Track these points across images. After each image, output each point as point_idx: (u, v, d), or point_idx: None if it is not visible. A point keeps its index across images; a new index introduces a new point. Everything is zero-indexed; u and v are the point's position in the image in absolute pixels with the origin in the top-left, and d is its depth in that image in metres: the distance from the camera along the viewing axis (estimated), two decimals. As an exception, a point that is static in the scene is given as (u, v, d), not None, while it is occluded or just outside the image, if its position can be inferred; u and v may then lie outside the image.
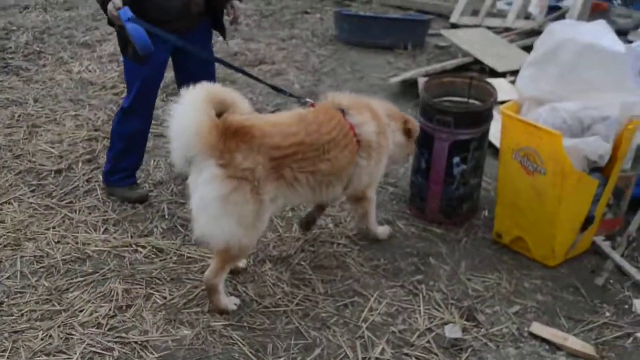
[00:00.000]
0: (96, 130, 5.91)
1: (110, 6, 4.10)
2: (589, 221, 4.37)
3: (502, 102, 6.48)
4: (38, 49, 7.88)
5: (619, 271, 4.39)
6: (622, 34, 9.06)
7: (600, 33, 4.34)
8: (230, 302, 3.85)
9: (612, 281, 4.30)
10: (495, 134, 4.85)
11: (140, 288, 4.06)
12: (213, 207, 3.42)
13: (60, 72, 7.23)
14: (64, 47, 7.94)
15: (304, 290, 4.09)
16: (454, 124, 4.44)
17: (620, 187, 4.54)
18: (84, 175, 5.26)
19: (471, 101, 4.90)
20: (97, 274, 4.18)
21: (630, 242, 4.63)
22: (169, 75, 5.31)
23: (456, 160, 4.57)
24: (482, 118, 4.54)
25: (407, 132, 4.36)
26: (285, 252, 4.42)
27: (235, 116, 3.47)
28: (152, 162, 5.47)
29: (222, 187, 3.39)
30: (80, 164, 5.41)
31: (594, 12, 9.14)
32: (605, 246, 4.59)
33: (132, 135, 4.79)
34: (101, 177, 5.14)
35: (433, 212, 4.79)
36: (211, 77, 4.62)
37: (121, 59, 7.47)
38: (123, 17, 4.04)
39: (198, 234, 3.58)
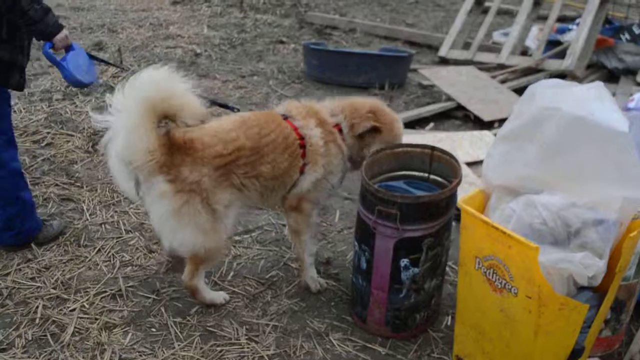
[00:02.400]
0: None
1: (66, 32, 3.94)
2: (576, 353, 3.22)
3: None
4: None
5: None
6: (630, 72, 7.94)
7: (596, 101, 3.20)
8: (217, 296, 3.86)
9: None
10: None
11: None
12: (168, 221, 3.44)
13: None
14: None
15: None
16: (399, 218, 3.30)
17: (621, 298, 3.42)
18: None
19: (432, 177, 3.78)
20: None
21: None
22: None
23: (404, 262, 3.43)
24: (439, 209, 3.40)
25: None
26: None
27: (179, 130, 3.43)
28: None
29: (173, 202, 3.39)
30: (-42, 239, 4.30)
31: (598, 49, 8.00)
32: (601, 376, 3.45)
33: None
34: None
35: (377, 323, 3.65)
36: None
37: (55, 96, 6.58)
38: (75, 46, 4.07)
39: (165, 245, 3.58)
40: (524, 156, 3.19)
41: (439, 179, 3.76)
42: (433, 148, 3.77)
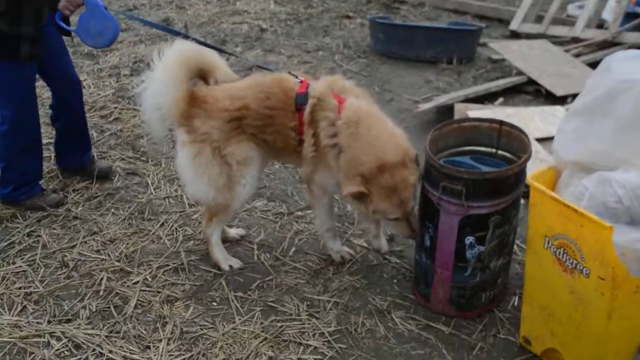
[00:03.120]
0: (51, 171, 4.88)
1: None
2: (651, 338, 3.05)
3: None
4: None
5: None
6: None
7: (680, 73, 3.00)
8: (225, 261, 3.90)
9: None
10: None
11: (29, 408, 2.99)
12: (187, 169, 3.64)
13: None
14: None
15: None
16: (465, 194, 3.17)
17: (701, 281, 3.19)
18: (26, 227, 4.25)
19: (500, 152, 3.62)
20: (-18, 382, 3.13)
21: None
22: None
23: (469, 239, 3.30)
24: (506, 186, 3.25)
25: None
26: (233, 357, 3.27)
27: (202, 86, 3.64)
28: (111, 211, 4.40)
29: (189, 150, 3.59)
30: (28, 211, 4.37)
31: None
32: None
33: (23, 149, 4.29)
34: (42, 230, 4.21)
35: (440, 302, 3.54)
36: (69, 60, 4.49)
37: (123, 72, 6.64)
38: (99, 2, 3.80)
39: (187, 192, 3.96)
40: (597, 131, 3.02)
41: (507, 154, 3.60)
42: (501, 122, 3.60)
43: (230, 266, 3.89)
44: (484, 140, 3.65)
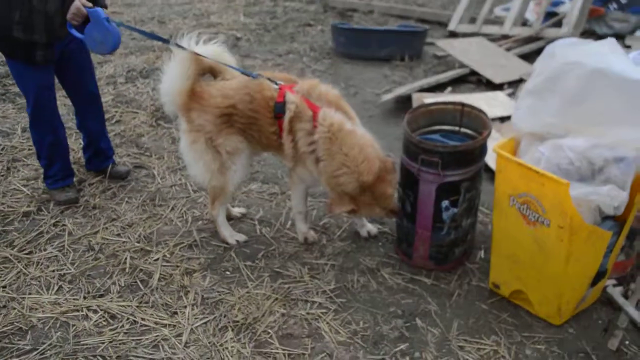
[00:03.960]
0: (74, 163, 4.82)
1: (77, 2, 3.62)
2: (600, 275, 3.21)
3: (501, 118, 5.38)
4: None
5: (634, 327, 3.24)
6: (619, 37, 7.77)
7: (611, 54, 3.16)
8: (231, 237, 3.94)
9: (627, 342, 3.19)
10: (492, 155, 3.68)
11: (79, 371, 3.00)
12: (187, 154, 3.72)
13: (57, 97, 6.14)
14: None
15: (266, 370, 3.00)
16: (441, 165, 3.28)
17: (634, 227, 3.38)
18: (51, 218, 4.21)
19: (463, 130, 3.74)
20: (34, 353, 3.13)
21: (646, 290, 3.45)
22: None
23: (445, 203, 3.42)
24: (474, 156, 3.38)
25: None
26: (251, 316, 3.32)
27: (203, 82, 3.66)
28: (125, 200, 4.38)
29: (188, 137, 3.66)
30: (51, 205, 4.34)
31: (590, 17, 7.83)
32: (618, 295, 3.44)
33: (47, 143, 4.27)
34: (66, 220, 4.18)
35: (421, 258, 3.65)
36: (92, 77, 4.43)
37: (119, 80, 6.57)
38: (102, 15, 3.64)
39: (189, 174, 3.89)
40: (548, 106, 3.15)
41: (468, 131, 3.72)
42: (463, 104, 3.72)
43: (237, 241, 3.94)
44: (449, 120, 3.76)
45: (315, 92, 3.52)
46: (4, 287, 3.59)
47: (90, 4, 3.68)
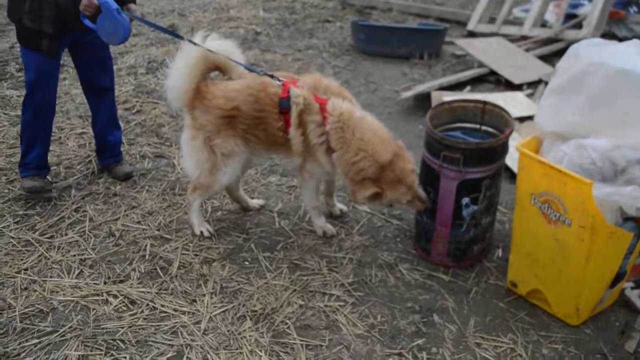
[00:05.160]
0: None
1: None
2: (619, 277, 3.20)
3: (519, 118, 5.36)
4: (62, 62, 6.80)
5: (652, 330, 3.23)
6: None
7: (636, 56, 3.15)
8: (199, 225, 3.95)
9: (645, 344, 3.14)
10: (512, 155, 3.69)
11: (99, 354, 3.03)
12: (184, 147, 3.77)
13: (77, 85, 6.13)
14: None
15: (283, 359, 3.00)
16: (462, 162, 3.28)
17: (655, 230, 3.35)
18: (72, 204, 4.24)
19: (484, 128, 3.74)
20: (55, 334, 3.16)
21: (665, 294, 3.43)
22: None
23: (465, 200, 3.42)
24: (496, 154, 3.38)
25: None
26: (269, 306, 3.34)
27: (209, 81, 3.68)
28: (146, 188, 4.41)
29: (188, 132, 3.72)
30: (73, 191, 4.39)
31: (610, 20, 7.77)
32: (635, 298, 3.43)
33: (32, 126, 4.19)
34: (87, 206, 4.19)
35: (440, 255, 3.65)
36: (109, 70, 4.43)
37: (140, 70, 6.60)
38: (113, 6, 3.67)
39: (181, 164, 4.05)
40: (571, 106, 3.14)
41: (490, 129, 3.71)
42: (485, 102, 3.72)
43: (201, 232, 3.93)
44: (470, 118, 3.76)
45: (321, 85, 3.54)
46: (26, 269, 3.63)
47: None
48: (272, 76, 3.56)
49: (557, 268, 3.16)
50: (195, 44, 3.53)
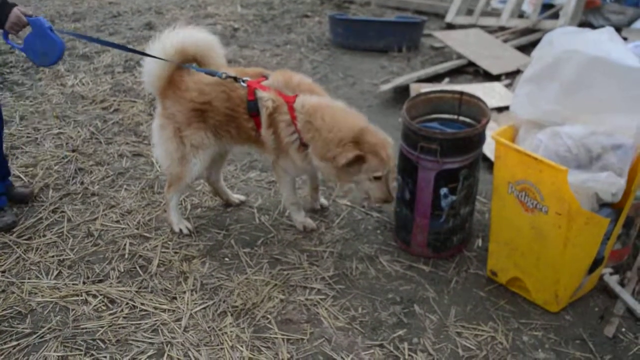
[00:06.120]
0: (74, 151, 4.84)
1: (17, 11, 3.41)
2: (597, 262, 3.23)
3: (498, 108, 5.38)
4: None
5: (630, 315, 3.26)
6: (615, 30, 7.78)
7: (609, 43, 3.17)
8: (178, 223, 3.94)
9: (623, 329, 3.20)
10: (489, 144, 3.70)
11: (78, 354, 3.01)
12: (154, 135, 3.77)
13: (54, 85, 6.13)
14: (63, 60, 6.73)
15: (265, 354, 3.00)
16: (440, 152, 3.29)
17: (631, 215, 3.40)
18: (50, 204, 4.20)
19: (461, 118, 3.75)
20: (34, 336, 3.12)
21: (642, 278, 3.47)
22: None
23: (444, 191, 3.43)
24: (473, 143, 3.39)
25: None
26: (250, 301, 3.33)
27: (184, 71, 3.62)
28: (124, 187, 4.38)
29: (158, 121, 3.71)
30: (50, 192, 4.34)
31: (587, 9, 7.83)
32: (614, 283, 3.45)
33: None
34: (65, 206, 4.16)
35: (420, 246, 3.66)
36: None
37: (117, 69, 6.55)
38: (45, 24, 3.45)
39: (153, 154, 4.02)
40: (546, 94, 3.15)
41: (467, 119, 3.72)
42: (462, 93, 3.73)
43: (180, 229, 3.91)
44: (447, 109, 3.76)
45: (292, 82, 3.48)
46: (3, 272, 3.59)
47: (30, 13, 3.47)
48: (235, 79, 3.45)
49: (536, 255, 3.18)
50: (158, 58, 3.51)
